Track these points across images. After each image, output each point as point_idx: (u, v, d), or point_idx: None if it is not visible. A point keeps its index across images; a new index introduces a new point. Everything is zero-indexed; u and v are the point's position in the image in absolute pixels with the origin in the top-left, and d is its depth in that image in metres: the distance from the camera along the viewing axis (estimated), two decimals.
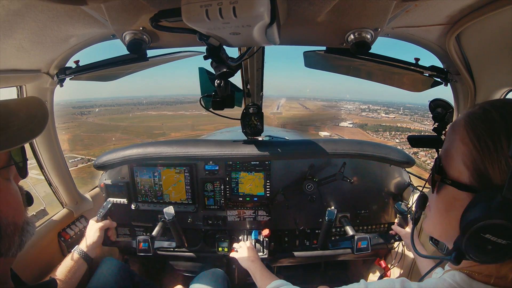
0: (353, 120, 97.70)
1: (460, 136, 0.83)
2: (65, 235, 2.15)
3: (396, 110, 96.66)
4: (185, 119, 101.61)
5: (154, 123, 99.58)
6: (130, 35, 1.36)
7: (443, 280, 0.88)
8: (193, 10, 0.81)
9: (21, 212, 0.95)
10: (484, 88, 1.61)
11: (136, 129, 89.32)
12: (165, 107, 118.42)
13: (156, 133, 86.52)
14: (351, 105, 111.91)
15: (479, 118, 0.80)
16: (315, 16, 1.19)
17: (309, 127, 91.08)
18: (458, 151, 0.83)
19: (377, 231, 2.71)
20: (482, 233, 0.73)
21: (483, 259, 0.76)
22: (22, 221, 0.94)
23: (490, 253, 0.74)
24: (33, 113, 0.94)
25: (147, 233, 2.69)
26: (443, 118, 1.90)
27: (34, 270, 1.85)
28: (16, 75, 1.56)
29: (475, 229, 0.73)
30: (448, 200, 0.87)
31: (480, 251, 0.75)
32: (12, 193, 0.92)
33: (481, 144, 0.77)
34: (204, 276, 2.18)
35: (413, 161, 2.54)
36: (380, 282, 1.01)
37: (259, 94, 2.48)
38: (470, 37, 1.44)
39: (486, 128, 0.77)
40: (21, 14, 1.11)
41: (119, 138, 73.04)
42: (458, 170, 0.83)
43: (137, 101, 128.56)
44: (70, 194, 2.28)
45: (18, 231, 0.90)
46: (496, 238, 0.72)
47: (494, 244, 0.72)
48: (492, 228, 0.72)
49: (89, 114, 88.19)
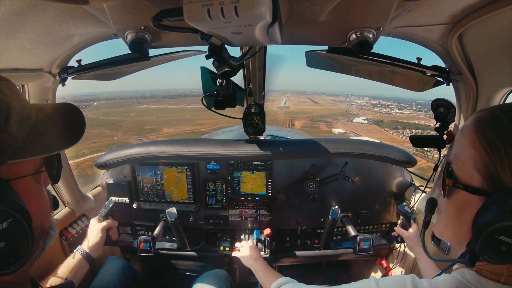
0: (367, 116, 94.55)
1: (470, 142, 0.85)
2: (67, 234, 2.15)
3: (409, 106, 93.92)
4: (184, 113, 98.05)
5: (149, 118, 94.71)
6: (132, 35, 1.36)
7: (452, 277, 0.89)
8: (194, 10, 0.81)
9: (49, 216, 0.96)
10: (486, 88, 1.60)
11: (126, 124, 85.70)
12: (167, 101, 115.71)
13: (147, 128, 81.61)
14: (362, 100, 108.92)
15: (489, 123, 0.82)
16: (317, 16, 1.19)
17: (320, 123, 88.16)
18: (469, 156, 0.84)
19: (379, 231, 2.71)
20: (497, 235, 0.74)
21: (497, 260, 0.78)
22: (48, 226, 0.94)
23: (505, 254, 0.75)
24: (70, 120, 0.96)
25: (148, 232, 2.70)
26: (445, 117, 1.90)
27: (35, 269, 1.85)
28: (18, 74, 1.56)
29: (489, 231, 0.75)
30: (459, 204, 0.88)
31: (495, 253, 0.76)
32: (42, 196, 0.93)
33: (492, 149, 0.79)
34: (207, 276, 2.18)
35: (415, 161, 2.53)
36: (390, 278, 1.02)
37: (261, 94, 2.48)
38: (472, 36, 1.44)
39: (497, 133, 0.79)
40: (23, 14, 1.11)
41: (103, 134, 69.70)
42: (470, 175, 0.84)
43: (141, 95, 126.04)
44: (72, 193, 2.28)
45: (43, 235, 0.91)
46: (511, 239, 0.73)
47: (509, 245, 0.74)
48: (506, 230, 0.73)
49: (86, 108, 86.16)
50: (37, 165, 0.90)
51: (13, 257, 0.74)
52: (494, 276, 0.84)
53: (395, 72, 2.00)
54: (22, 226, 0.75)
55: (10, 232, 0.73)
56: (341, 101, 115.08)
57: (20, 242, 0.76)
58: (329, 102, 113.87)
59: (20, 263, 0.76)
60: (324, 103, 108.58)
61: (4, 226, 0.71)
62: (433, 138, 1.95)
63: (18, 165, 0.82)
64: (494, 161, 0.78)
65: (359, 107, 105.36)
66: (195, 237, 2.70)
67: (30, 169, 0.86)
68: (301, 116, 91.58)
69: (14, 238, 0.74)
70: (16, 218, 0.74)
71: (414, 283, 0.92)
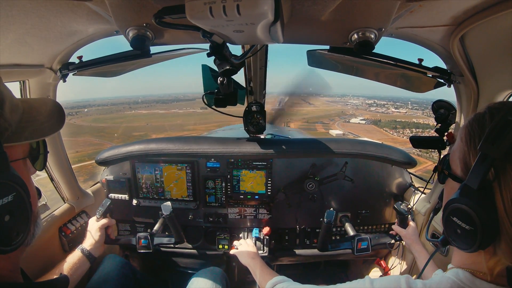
0: (364, 116, 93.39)
1: (460, 134, 0.92)
2: (66, 230, 2.15)
3: (405, 105, 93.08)
4: (176, 118, 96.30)
5: (139, 123, 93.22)
6: (134, 32, 1.36)
7: (447, 278, 0.91)
8: (197, 7, 0.81)
9: (37, 203, 1.01)
10: (487, 90, 1.60)
11: (114, 131, 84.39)
12: (159, 106, 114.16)
13: (135, 135, 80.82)
14: (356, 100, 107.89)
15: (476, 118, 0.89)
16: (319, 15, 1.18)
17: (316, 125, 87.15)
18: (457, 147, 0.94)
19: (378, 231, 2.71)
20: (451, 216, 0.85)
21: (459, 244, 0.86)
22: (36, 212, 0.99)
23: (461, 238, 0.84)
24: (52, 111, 1.03)
25: (148, 229, 2.70)
26: (445, 119, 1.90)
27: (35, 265, 1.86)
28: (19, 69, 1.56)
29: (447, 212, 0.87)
30: (448, 191, 1.00)
31: (453, 235, 0.87)
32: (31, 182, 0.98)
33: (470, 141, 0.87)
34: (202, 273, 2.18)
35: (415, 162, 2.54)
36: (385, 278, 1.03)
37: (261, 92, 2.48)
38: (474, 38, 1.44)
39: (478, 127, 0.87)
40: (25, 10, 1.11)
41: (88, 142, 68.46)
42: (456, 164, 0.94)
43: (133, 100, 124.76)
44: (72, 189, 2.28)
45: (34, 220, 0.94)
46: (461, 222, 0.82)
47: (461, 229, 0.83)
48: (456, 211, 0.84)
49: (75, 115, 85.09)
50: (25, 151, 0.96)
51: (15, 231, 0.77)
52: (483, 276, 0.86)
53: (396, 73, 2.00)
54: (24, 201, 0.79)
55: (14, 206, 0.76)
56: (335, 101, 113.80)
57: (22, 217, 0.79)
58: (323, 103, 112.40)
59: (20, 239, 0.79)
60: (319, 104, 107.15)
61: (9, 199, 0.74)
62: (434, 139, 1.95)
63: (11, 149, 0.86)
64: (470, 152, 0.86)
65: (354, 107, 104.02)
66: (194, 234, 2.71)
67: (20, 154, 0.92)
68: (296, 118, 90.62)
69: (17, 213, 0.77)
70: (19, 193, 0.77)
71: (408, 283, 0.93)
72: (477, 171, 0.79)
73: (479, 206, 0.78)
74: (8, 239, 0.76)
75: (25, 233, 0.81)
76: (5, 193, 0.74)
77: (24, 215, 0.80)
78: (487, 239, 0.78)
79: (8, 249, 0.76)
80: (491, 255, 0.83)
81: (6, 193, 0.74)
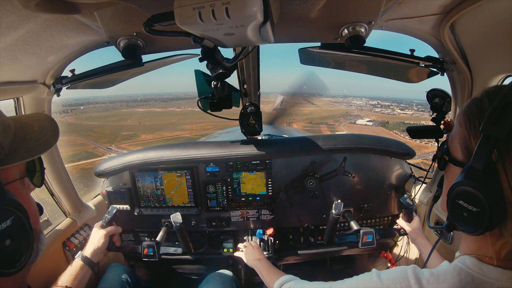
0: (370, 117, 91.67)
1: (459, 120, 0.92)
2: (70, 244, 2.15)
3: (409, 106, 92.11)
4: (171, 117, 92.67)
5: (131, 122, 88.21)
6: (124, 41, 1.36)
7: (454, 266, 0.91)
8: (186, 13, 0.81)
9: (38, 220, 1.01)
10: (480, 76, 1.61)
11: (103, 130, 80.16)
12: (157, 104, 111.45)
13: (124, 134, 75.32)
14: (360, 101, 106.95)
15: (474, 102, 0.90)
16: (308, 13, 1.19)
17: (321, 126, 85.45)
18: (457, 132, 0.94)
19: (381, 224, 2.71)
20: (457, 200, 0.84)
21: (465, 227, 0.86)
22: (39, 229, 0.98)
23: (468, 221, 0.83)
24: (45, 126, 1.02)
25: (151, 238, 2.69)
26: (441, 107, 1.90)
27: (40, 280, 1.84)
28: (12, 87, 1.55)
29: (452, 196, 0.86)
30: (449, 177, 1.00)
31: (459, 219, 0.86)
32: (31, 200, 0.98)
33: (470, 124, 0.87)
34: (211, 278, 2.17)
35: (414, 152, 2.54)
36: (392, 270, 1.03)
37: (256, 94, 2.48)
38: (464, 25, 1.45)
39: (477, 111, 0.87)
40: (14, 26, 1.11)
41: (72, 142, 63.04)
42: (456, 149, 0.94)
43: (133, 99, 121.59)
44: (73, 203, 2.27)
45: (37, 237, 0.94)
46: (467, 204, 0.82)
47: (468, 211, 0.82)
48: (463, 194, 0.83)
49: (70, 113, 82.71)
50: (22, 171, 0.95)
51: (18, 254, 0.78)
52: (490, 261, 0.86)
53: (389, 65, 2.01)
54: (23, 223, 0.80)
55: (13, 229, 0.76)
56: (338, 102, 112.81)
57: (23, 238, 0.80)
58: (326, 103, 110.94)
59: (24, 261, 0.80)
60: (322, 104, 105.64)
61: (8, 223, 0.75)
62: (431, 128, 1.95)
63: (7, 171, 0.86)
64: (470, 135, 0.87)
65: (359, 108, 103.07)
66: (198, 240, 2.70)
67: (17, 174, 0.92)
68: (299, 118, 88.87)
69: (18, 235, 0.78)
70: (17, 216, 0.78)
71: (415, 273, 0.93)
72: (481, 153, 0.80)
73: (485, 187, 0.78)
74: (11, 262, 0.77)
75: (28, 253, 0.82)
76: (3, 218, 0.74)
77: (25, 236, 0.81)
78: (494, 221, 0.78)
79: (13, 271, 0.76)
80: (497, 238, 0.83)
81: (4, 218, 0.75)
